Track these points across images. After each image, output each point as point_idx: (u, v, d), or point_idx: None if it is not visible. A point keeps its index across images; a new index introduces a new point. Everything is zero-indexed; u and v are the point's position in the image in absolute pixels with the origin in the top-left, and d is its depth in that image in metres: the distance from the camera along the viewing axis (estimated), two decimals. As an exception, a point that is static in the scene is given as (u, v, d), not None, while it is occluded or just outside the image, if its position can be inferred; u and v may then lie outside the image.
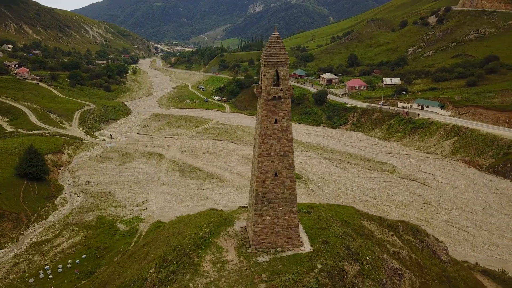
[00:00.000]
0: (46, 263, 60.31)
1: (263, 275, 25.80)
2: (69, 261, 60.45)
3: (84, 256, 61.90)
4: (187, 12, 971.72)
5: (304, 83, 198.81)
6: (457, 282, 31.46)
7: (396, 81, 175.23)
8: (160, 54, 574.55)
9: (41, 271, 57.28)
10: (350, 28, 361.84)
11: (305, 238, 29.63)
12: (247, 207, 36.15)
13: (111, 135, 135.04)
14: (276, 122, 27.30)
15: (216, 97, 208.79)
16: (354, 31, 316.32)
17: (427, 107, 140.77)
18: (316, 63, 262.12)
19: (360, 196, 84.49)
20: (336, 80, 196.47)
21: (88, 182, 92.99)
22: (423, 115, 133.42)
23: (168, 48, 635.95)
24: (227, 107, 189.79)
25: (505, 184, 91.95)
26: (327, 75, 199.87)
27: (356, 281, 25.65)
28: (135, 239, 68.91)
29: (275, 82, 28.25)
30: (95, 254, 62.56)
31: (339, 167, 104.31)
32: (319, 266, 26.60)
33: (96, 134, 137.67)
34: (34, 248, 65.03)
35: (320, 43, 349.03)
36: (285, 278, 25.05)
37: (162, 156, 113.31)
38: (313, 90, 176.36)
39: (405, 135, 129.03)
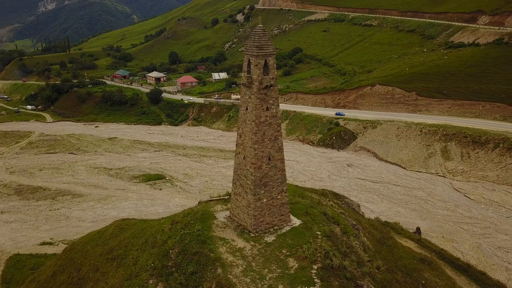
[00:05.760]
0: None
1: (284, 251, 26.94)
2: None
3: None
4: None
5: (131, 83, 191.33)
6: (379, 228, 38.35)
7: (223, 75, 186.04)
8: None
9: None
10: (162, 27, 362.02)
11: (288, 214, 31.31)
12: (210, 201, 35.24)
13: None
14: (267, 109, 28.21)
15: (29, 106, 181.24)
16: (167, 29, 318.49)
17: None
18: (137, 62, 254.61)
19: (227, 184, 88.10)
20: (165, 78, 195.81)
21: None
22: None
23: None
24: (47, 116, 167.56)
25: (334, 154, 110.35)
26: (155, 74, 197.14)
27: (345, 239, 29.09)
28: (-8, 282, 56.83)
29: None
30: None
31: (197, 161, 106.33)
32: (319, 232, 29.15)
33: None
34: None
35: (133, 42, 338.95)
36: (305, 248, 26.57)
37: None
38: (145, 89, 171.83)
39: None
